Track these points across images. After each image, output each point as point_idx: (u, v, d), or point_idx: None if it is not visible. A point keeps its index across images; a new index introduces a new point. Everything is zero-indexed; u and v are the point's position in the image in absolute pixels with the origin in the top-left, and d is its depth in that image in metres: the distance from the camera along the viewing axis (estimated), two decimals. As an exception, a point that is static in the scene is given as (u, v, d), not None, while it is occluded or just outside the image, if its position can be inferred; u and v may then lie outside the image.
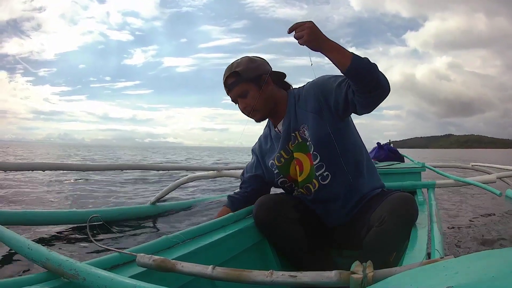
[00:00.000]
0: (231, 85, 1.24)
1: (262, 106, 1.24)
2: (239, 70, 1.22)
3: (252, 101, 1.23)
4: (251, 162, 1.45)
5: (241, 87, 1.23)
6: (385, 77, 1.03)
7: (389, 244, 1.03)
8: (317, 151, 1.20)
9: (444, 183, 2.16)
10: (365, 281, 0.58)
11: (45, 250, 0.70)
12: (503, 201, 3.33)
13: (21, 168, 2.28)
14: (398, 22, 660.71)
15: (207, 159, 16.70)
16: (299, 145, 1.24)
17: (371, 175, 1.28)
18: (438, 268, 0.47)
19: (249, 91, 1.23)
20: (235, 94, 1.25)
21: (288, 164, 1.28)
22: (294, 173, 1.28)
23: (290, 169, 1.29)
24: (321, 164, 1.21)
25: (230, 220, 1.21)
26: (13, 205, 3.27)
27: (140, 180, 5.78)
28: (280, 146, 1.28)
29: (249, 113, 1.25)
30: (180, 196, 3.90)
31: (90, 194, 4.15)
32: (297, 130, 1.24)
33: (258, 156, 1.40)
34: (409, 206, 1.06)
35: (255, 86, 1.23)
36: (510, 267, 0.39)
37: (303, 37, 0.99)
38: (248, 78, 1.22)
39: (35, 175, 5.74)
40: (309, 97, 1.22)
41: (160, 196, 2.76)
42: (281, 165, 1.29)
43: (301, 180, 1.26)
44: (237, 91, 1.24)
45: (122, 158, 14.31)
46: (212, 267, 0.67)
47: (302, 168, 1.25)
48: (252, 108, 1.23)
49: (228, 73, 1.24)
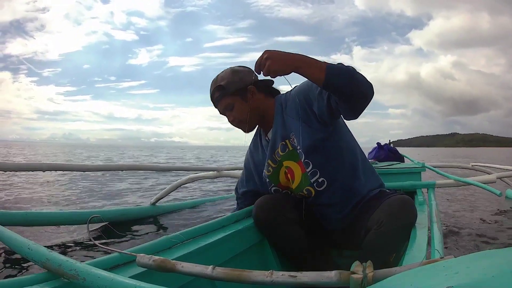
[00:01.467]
0: (216, 99, 1.25)
1: (249, 118, 1.23)
2: (223, 83, 1.22)
3: (238, 114, 1.23)
4: (242, 177, 1.45)
5: (226, 101, 1.23)
6: (366, 81, 0.98)
7: (388, 246, 1.03)
8: (309, 158, 1.18)
9: (444, 183, 2.16)
10: (365, 281, 0.58)
11: (45, 250, 0.70)
12: (503, 201, 3.34)
13: (21, 168, 2.28)
14: (403, 21, 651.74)
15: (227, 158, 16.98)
16: (290, 153, 1.23)
17: (368, 176, 1.26)
18: (438, 268, 0.47)
19: (234, 104, 1.23)
20: (222, 108, 1.25)
21: (277, 173, 1.28)
22: (285, 181, 1.28)
23: (279, 177, 1.28)
24: (315, 171, 1.19)
25: (230, 220, 1.22)
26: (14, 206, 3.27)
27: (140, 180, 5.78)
28: (267, 156, 1.28)
29: (237, 125, 1.26)
30: (180, 196, 3.90)
31: (90, 194, 4.16)
32: (287, 138, 1.22)
33: (252, 168, 1.38)
34: (408, 209, 1.05)
35: (241, 98, 1.22)
36: (510, 267, 0.39)
37: (270, 69, 0.95)
38: (232, 91, 1.22)
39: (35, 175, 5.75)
40: (295, 104, 1.19)
41: (160, 196, 2.77)
42: (270, 174, 1.29)
43: (295, 187, 1.26)
44: (222, 105, 1.24)
45: (139, 160, 14.39)
46: (212, 267, 0.67)
47: (293, 177, 1.24)
48: (239, 120, 1.24)
49: (213, 87, 1.25)
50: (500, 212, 3.14)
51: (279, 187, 1.30)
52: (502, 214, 3.08)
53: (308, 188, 1.22)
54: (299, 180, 1.23)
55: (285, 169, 1.25)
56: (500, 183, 3.11)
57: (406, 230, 1.03)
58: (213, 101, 1.27)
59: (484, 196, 3.85)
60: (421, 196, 1.65)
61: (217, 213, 2.91)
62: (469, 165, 4.23)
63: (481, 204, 3.54)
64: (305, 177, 1.21)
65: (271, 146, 1.26)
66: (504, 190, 1.99)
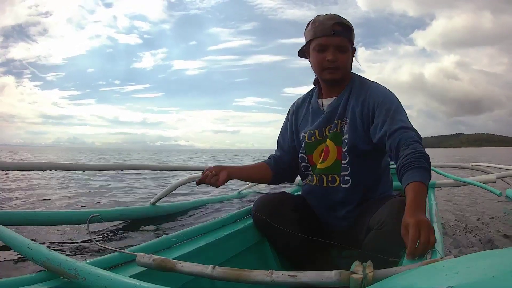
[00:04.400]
0: (338, 32, 1.16)
1: (344, 71, 1.20)
2: (350, 26, 1.19)
3: (345, 59, 1.19)
4: (283, 127, 1.40)
5: (345, 41, 1.18)
6: (426, 155, 1.01)
7: (388, 247, 1.03)
8: (348, 153, 1.19)
9: (444, 183, 2.16)
10: (365, 281, 0.58)
11: (45, 249, 0.70)
12: (503, 201, 3.34)
13: (21, 168, 2.28)
14: (406, 21, 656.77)
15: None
16: (336, 135, 1.22)
17: (386, 186, 1.28)
18: (438, 268, 0.47)
19: (347, 49, 1.19)
20: (337, 43, 1.17)
21: (316, 145, 1.26)
22: (316, 157, 1.26)
23: (315, 150, 1.26)
24: (347, 167, 1.20)
25: (230, 220, 1.22)
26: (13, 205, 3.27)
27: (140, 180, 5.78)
28: (317, 125, 1.25)
29: (334, 67, 1.18)
30: (180, 196, 3.90)
31: (90, 194, 4.16)
32: (341, 119, 1.21)
33: (293, 117, 1.35)
34: None
35: (350, 50, 1.21)
36: (510, 267, 0.39)
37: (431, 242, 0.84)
38: (351, 39, 1.20)
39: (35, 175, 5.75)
40: (367, 101, 1.17)
41: (160, 196, 2.76)
42: (310, 143, 1.27)
43: (320, 168, 1.24)
44: (341, 41, 1.17)
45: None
46: (212, 267, 0.67)
47: (326, 157, 1.23)
48: (341, 63, 1.18)
49: (338, 20, 1.17)
50: (500, 212, 3.14)
51: (308, 158, 1.28)
52: (502, 214, 3.08)
53: (334, 176, 1.22)
54: (330, 163, 1.22)
55: (324, 145, 1.24)
56: (500, 183, 3.10)
57: None
58: (325, 31, 1.16)
59: (484, 196, 3.85)
60: (421, 196, 1.65)
61: (217, 213, 2.90)
62: (469, 165, 4.22)
63: (481, 204, 3.54)
64: (337, 164, 1.21)
65: (327, 119, 1.23)
66: (504, 190, 1.99)
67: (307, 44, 1.23)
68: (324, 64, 1.18)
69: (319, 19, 1.19)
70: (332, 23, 1.16)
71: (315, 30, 1.18)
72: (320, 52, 1.18)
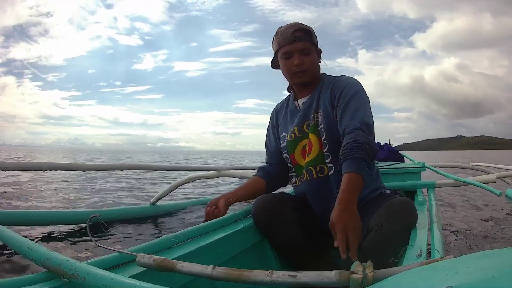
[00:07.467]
0: (299, 38, 1.24)
1: (312, 72, 1.28)
2: (310, 29, 1.27)
3: (310, 61, 1.26)
4: (268, 130, 1.46)
5: (307, 44, 1.26)
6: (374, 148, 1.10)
7: (388, 248, 1.03)
8: (326, 140, 1.23)
9: (444, 183, 2.16)
10: (365, 281, 0.58)
11: (45, 250, 0.70)
12: (503, 201, 3.34)
13: (21, 168, 2.28)
14: (406, 23, 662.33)
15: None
16: (314, 127, 1.26)
17: (372, 175, 1.26)
18: (438, 268, 0.47)
19: (311, 52, 1.27)
20: (300, 48, 1.25)
21: (297, 142, 1.30)
22: (299, 155, 1.30)
23: (296, 148, 1.30)
24: (328, 154, 1.23)
25: (230, 220, 1.21)
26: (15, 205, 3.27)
27: (140, 180, 5.78)
28: (296, 122, 1.31)
29: (301, 70, 1.26)
30: (180, 196, 3.90)
31: (90, 195, 4.16)
32: (315, 112, 1.27)
33: (274, 120, 1.42)
34: (408, 211, 1.05)
35: (315, 51, 1.29)
36: (510, 267, 0.39)
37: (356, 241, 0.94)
38: (313, 41, 1.28)
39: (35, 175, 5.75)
40: (333, 89, 1.25)
41: (160, 196, 2.76)
42: (290, 140, 1.31)
43: (308, 160, 1.27)
44: (304, 45, 1.25)
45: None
46: (212, 267, 0.67)
47: (310, 149, 1.27)
48: (307, 67, 1.26)
49: (298, 27, 1.25)
50: (500, 212, 3.14)
51: (290, 157, 1.32)
52: (502, 214, 3.08)
53: (322, 166, 1.25)
54: (315, 154, 1.26)
55: (306, 141, 1.28)
56: (500, 183, 3.10)
57: (406, 232, 1.03)
58: (287, 39, 1.24)
59: (484, 196, 3.85)
60: (421, 196, 1.66)
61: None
62: (469, 165, 4.22)
63: (481, 204, 3.54)
64: (321, 154, 1.25)
65: (304, 115, 1.29)
66: (504, 190, 1.98)
67: (275, 54, 1.31)
68: (293, 69, 1.26)
69: (281, 30, 1.27)
70: (292, 30, 1.24)
71: (279, 40, 1.27)
72: (287, 59, 1.26)
